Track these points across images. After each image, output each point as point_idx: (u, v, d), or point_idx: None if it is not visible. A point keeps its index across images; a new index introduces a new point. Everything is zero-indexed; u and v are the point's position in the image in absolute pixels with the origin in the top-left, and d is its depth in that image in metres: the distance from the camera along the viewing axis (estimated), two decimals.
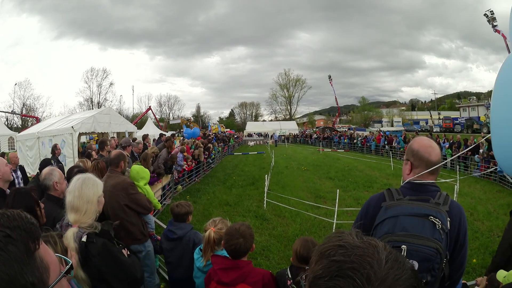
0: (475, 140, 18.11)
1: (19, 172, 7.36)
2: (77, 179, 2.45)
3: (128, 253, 2.65)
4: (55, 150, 9.12)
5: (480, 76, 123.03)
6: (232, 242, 2.38)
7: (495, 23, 37.62)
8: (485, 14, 37.97)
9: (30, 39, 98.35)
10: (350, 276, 0.67)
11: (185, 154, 12.12)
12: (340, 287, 0.67)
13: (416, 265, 1.68)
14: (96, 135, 16.38)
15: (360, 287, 0.66)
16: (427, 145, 2.03)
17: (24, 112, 57.30)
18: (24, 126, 49.54)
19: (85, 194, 2.35)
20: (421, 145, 2.03)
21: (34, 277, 0.84)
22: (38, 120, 40.77)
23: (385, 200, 1.93)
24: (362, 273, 0.67)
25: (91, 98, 68.55)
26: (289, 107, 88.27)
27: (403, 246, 1.69)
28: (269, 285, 2.39)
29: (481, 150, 16.62)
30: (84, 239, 2.19)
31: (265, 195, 10.11)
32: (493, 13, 37.15)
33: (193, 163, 13.56)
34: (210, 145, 17.94)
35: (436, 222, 1.72)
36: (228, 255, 2.49)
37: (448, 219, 1.79)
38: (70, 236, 2.18)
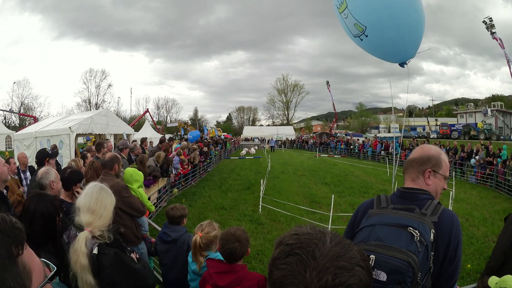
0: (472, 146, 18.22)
1: (28, 173, 7.21)
2: (94, 185, 2.44)
3: (137, 256, 2.67)
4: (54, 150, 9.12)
5: (478, 83, 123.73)
6: (228, 246, 2.39)
7: (493, 30, 37.92)
8: (483, 21, 38.28)
9: (30, 38, 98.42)
10: (299, 253, 0.82)
11: (181, 157, 12.14)
12: (290, 263, 0.82)
13: (384, 276, 1.60)
14: (93, 137, 16.36)
15: (306, 261, 0.80)
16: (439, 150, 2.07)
17: (22, 111, 57.08)
18: (21, 125, 49.33)
19: (104, 199, 2.35)
20: (439, 151, 2.08)
21: (15, 282, 0.82)
22: (35, 119, 40.62)
23: (373, 207, 1.91)
24: (308, 251, 0.82)
25: (89, 99, 68.43)
26: (286, 112, 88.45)
27: (372, 255, 1.61)
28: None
29: (477, 157, 16.73)
30: (95, 251, 2.15)
31: (261, 199, 10.12)
32: (492, 20, 37.45)
33: (189, 166, 13.56)
34: (205, 148, 17.95)
35: (415, 234, 1.65)
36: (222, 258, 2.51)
37: (433, 231, 1.71)
38: (82, 239, 2.14)
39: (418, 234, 1.65)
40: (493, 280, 2.69)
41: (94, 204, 2.29)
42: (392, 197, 1.97)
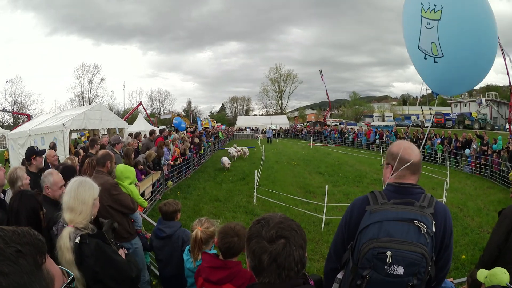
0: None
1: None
2: (74, 181, 2.51)
3: (126, 252, 2.71)
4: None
5: None
6: (226, 240, 2.39)
7: None
8: None
9: (23, 36, 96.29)
10: (261, 222, 1.40)
11: (169, 147, 12.07)
12: (256, 226, 1.40)
13: (401, 270, 1.68)
14: (87, 132, 16.28)
15: (264, 225, 1.37)
16: (406, 147, 2.05)
17: (15, 109, 56.51)
18: (15, 124, 48.85)
19: (81, 195, 2.41)
20: (401, 148, 2.06)
21: (41, 286, 0.93)
22: (29, 117, 40.20)
23: (369, 204, 1.92)
24: (266, 221, 1.39)
25: (82, 94, 67.71)
26: (280, 102, 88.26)
27: (388, 252, 1.68)
28: None
29: (474, 146, 16.78)
30: (77, 240, 2.23)
31: (255, 190, 10.15)
32: None
33: (180, 157, 13.49)
34: (196, 139, 17.89)
35: (421, 226, 1.72)
36: (217, 254, 2.51)
37: (433, 221, 1.79)
38: (65, 236, 2.23)
39: (425, 226, 1.73)
40: (481, 273, 2.70)
41: (73, 202, 2.38)
42: (387, 192, 1.98)
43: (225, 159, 16.07)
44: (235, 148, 20.56)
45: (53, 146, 9.34)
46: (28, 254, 0.93)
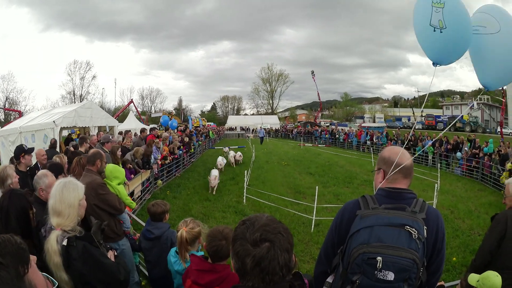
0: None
1: None
2: (58, 183, 2.49)
3: (116, 254, 2.69)
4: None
5: (464, 76, 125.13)
6: (214, 244, 2.36)
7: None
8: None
9: (16, 32, 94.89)
10: (246, 223, 1.39)
11: (159, 145, 12.00)
12: (241, 228, 1.39)
13: (392, 275, 1.66)
14: (77, 129, 16.16)
15: (249, 227, 1.36)
16: (398, 151, 2.05)
17: (7, 106, 55.69)
18: (7, 120, 48.11)
19: (66, 198, 2.38)
20: (392, 152, 2.06)
21: None
22: (20, 114, 39.65)
23: (360, 208, 1.90)
24: (251, 222, 1.38)
25: (74, 91, 66.94)
26: (271, 101, 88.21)
27: (379, 257, 1.66)
28: None
29: (465, 148, 16.89)
30: (64, 243, 2.21)
31: (245, 190, 10.13)
32: None
33: (170, 156, 13.42)
34: (186, 138, 17.80)
35: (412, 232, 1.71)
36: (206, 256, 2.49)
37: (425, 227, 1.78)
38: (53, 239, 2.21)
39: (416, 232, 1.71)
40: (473, 278, 2.70)
41: (59, 205, 2.35)
42: (378, 197, 1.97)
43: (220, 159, 15.45)
44: (234, 152, 18.64)
45: (54, 143, 9.24)
46: (9, 265, 0.91)
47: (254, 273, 1.30)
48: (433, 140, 19.13)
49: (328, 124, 54.99)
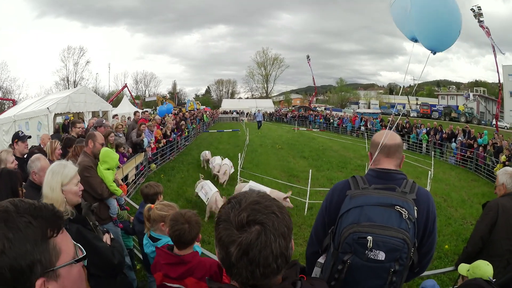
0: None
1: None
2: (51, 166, 2.49)
3: (112, 237, 2.70)
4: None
5: (460, 67, 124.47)
6: (177, 227, 2.32)
7: (481, 19, 37.85)
8: (472, 9, 38.16)
9: (10, 20, 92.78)
10: (231, 201, 1.12)
11: (151, 128, 11.91)
12: (225, 208, 1.11)
13: (383, 255, 1.67)
14: (71, 115, 16.10)
15: (234, 206, 1.08)
16: (382, 133, 2.06)
17: (0, 95, 54.97)
18: (1, 110, 47.57)
19: (49, 182, 2.38)
20: (378, 134, 2.08)
21: (42, 256, 0.97)
22: (14, 102, 39.18)
23: (350, 188, 1.90)
24: (237, 200, 1.10)
25: (67, 77, 66.14)
26: (265, 85, 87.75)
27: (369, 237, 1.66)
28: (215, 275, 2.33)
29: (460, 138, 16.97)
30: None
31: (238, 173, 10.13)
32: (480, 9, 37.27)
33: (163, 139, 13.34)
34: (183, 122, 17.71)
35: (403, 212, 1.70)
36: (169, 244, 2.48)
37: (415, 207, 1.77)
38: None
39: (406, 212, 1.71)
40: (463, 267, 2.73)
41: (44, 188, 2.37)
42: (368, 177, 1.98)
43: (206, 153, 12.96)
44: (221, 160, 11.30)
45: (58, 128, 9.17)
46: (38, 227, 0.98)
47: (241, 265, 1.03)
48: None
49: (322, 109, 54.87)
